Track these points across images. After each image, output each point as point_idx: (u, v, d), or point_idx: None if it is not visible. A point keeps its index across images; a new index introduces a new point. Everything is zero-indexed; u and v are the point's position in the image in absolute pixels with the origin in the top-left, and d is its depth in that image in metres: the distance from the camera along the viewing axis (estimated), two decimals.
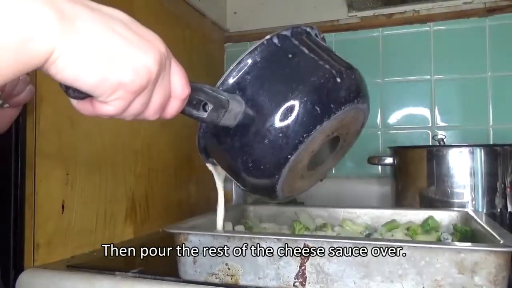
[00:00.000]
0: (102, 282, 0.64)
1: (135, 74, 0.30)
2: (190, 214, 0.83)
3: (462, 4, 1.22)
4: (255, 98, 0.44)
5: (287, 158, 0.44)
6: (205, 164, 0.58)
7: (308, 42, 0.48)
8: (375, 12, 1.30)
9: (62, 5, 0.27)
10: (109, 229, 0.88)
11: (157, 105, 0.35)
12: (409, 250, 0.52)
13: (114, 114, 0.33)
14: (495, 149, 0.91)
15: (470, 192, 0.91)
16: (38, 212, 0.72)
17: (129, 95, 0.31)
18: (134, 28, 0.32)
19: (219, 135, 0.47)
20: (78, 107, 0.34)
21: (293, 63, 0.45)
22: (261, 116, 0.43)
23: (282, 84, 0.44)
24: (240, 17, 1.44)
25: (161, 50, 0.33)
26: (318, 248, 0.55)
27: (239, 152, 0.45)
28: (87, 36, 0.28)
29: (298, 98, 0.42)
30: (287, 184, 0.48)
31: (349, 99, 0.45)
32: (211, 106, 0.41)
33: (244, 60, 0.45)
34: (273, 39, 0.46)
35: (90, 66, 0.28)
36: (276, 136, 0.43)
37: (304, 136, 0.43)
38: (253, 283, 0.58)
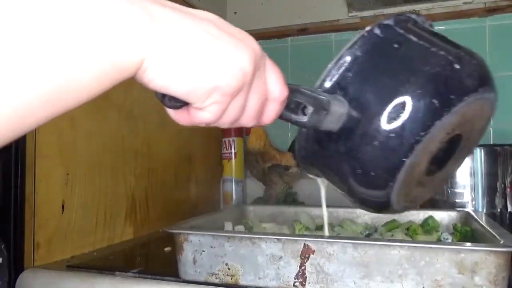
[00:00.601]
0: (102, 282, 0.64)
1: (230, 75, 0.29)
2: (190, 214, 0.83)
3: (462, 4, 1.22)
4: (360, 97, 0.39)
5: (402, 161, 0.38)
6: (205, 165, 0.57)
7: (414, 29, 0.42)
8: (375, 12, 1.30)
9: (152, 10, 0.26)
10: (109, 229, 0.88)
11: (254, 109, 0.33)
12: (409, 250, 0.52)
13: (211, 121, 0.31)
14: (495, 149, 0.91)
15: (470, 192, 0.91)
16: (38, 212, 0.72)
17: (225, 98, 0.30)
18: (225, 28, 0.30)
19: (321, 141, 0.42)
20: (175, 117, 0.33)
21: (400, 54, 0.40)
22: (368, 115, 0.38)
23: (390, 78, 0.38)
24: (240, 17, 1.44)
25: (255, 49, 0.31)
26: (318, 248, 0.55)
27: (346, 158, 0.40)
28: (178, 40, 0.27)
29: (410, 92, 0.37)
30: (403, 192, 0.41)
31: (472, 88, 0.38)
32: (311, 108, 0.37)
33: (343, 56, 0.40)
34: (374, 30, 0.41)
35: (182, 70, 0.27)
36: (387, 136, 0.37)
37: (421, 134, 0.37)
38: (253, 283, 0.58)
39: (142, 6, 0.26)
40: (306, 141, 0.43)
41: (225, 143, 1.28)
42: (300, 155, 0.45)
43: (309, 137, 0.43)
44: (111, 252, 0.81)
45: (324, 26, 1.35)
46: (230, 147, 1.28)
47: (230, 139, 1.28)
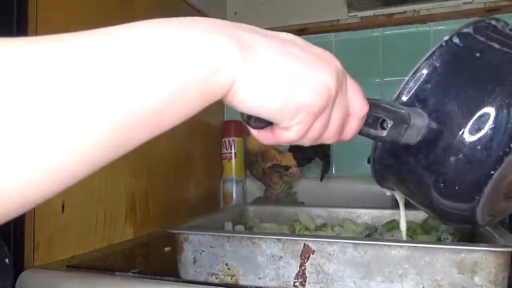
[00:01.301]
0: (102, 282, 0.64)
1: (315, 94, 0.30)
2: (190, 214, 0.84)
3: (462, 4, 1.22)
4: (441, 109, 0.38)
5: (490, 174, 0.36)
6: (205, 165, 0.57)
7: (496, 36, 0.41)
8: (375, 12, 1.30)
9: (241, 35, 0.28)
10: (109, 229, 0.88)
11: (336, 126, 0.33)
12: (409, 250, 0.52)
13: (295, 140, 0.32)
14: None
15: None
16: (38, 212, 0.72)
17: (310, 117, 0.31)
18: (308, 49, 0.31)
19: (398, 155, 0.41)
20: (259, 136, 0.34)
21: (483, 62, 0.39)
22: (451, 127, 0.37)
23: (473, 88, 0.37)
24: (240, 17, 1.44)
25: (338, 67, 0.32)
26: (318, 248, 0.55)
27: (427, 172, 0.39)
28: (266, 63, 0.28)
29: (497, 101, 0.35)
30: (489, 206, 0.40)
31: None
32: (390, 122, 0.37)
33: (421, 68, 0.40)
34: (453, 39, 0.40)
35: (271, 92, 0.28)
36: (473, 149, 0.36)
37: (511, 146, 0.35)
38: (253, 283, 0.58)
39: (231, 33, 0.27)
40: (382, 155, 0.43)
41: (225, 143, 1.28)
42: (376, 169, 0.45)
43: (385, 151, 0.42)
44: (111, 252, 0.81)
45: (324, 26, 1.35)
46: (230, 147, 1.28)
47: (230, 139, 1.28)
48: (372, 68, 1.31)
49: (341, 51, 1.33)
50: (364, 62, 1.32)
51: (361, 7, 1.30)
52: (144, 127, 0.24)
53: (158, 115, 0.24)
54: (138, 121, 0.24)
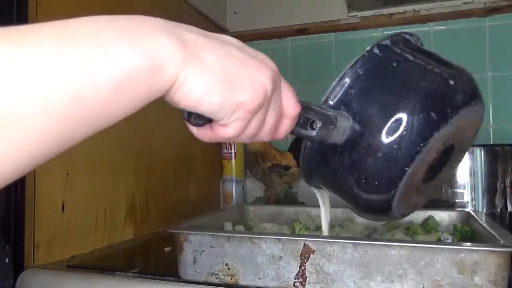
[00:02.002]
0: (102, 282, 0.64)
1: (253, 93, 0.32)
2: (190, 214, 0.83)
3: (462, 4, 1.22)
4: (363, 112, 0.42)
5: (404, 170, 0.41)
6: (205, 165, 0.58)
7: (410, 48, 0.46)
8: (375, 12, 1.30)
9: (184, 35, 0.29)
10: (109, 229, 0.88)
11: (271, 125, 0.35)
12: (409, 250, 0.52)
13: (233, 136, 0.34)
14: (495, 149, 0.91)
15: (470, 192, 0.91)
16: (38, 212, 0.72)
17: (248, 114, 0.32)
18: (247, 51, 0.33)
19: (325, 154, 0.44)
20: (198, 134, 0.36)
21: (399, 71, 0.43)
22: (372, 129, 0.41)
23: (391, 94, 0.42)
24: (240, 17, 1.44)
25: (274, 69, 0.34)
26: (318, 248, 0.55)
27: (350, 169, 0.43)
28: (208, 62, 0.29)
29: (410, 106, 0.40)
30: (403, 200, 0.44)
31: (466, 102, 0.42)
32: (319, 123, 0.40)
33: (346, 75, 0.44)
34: (373, 50, 0.44)
35: (212, 89, 0.30)
36: (390, 148, 0.40)
37: (421, 145, 0.40)
38: (253, 283, 0.58)
39: (175, 33, 0.28)
40: (311, 154, 0.46)
41: (225, 143, 1.28)
42: (305, 168, 0.48)
43: (314, 150, 0.45)
44: (111, 252, 0.81)
45: (324, 26, 1.35)
46: (230, 147, 1.27)
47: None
48: None
49: (341, 51, 1.33)
50: None
51: (361, 7, 1.30)
52: (91, 120, 0.25)
53: (103, 109, 0.25)
54: (85, 113, 0.24)
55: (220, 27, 1.42)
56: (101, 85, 0.24)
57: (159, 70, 0.27)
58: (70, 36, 0.24)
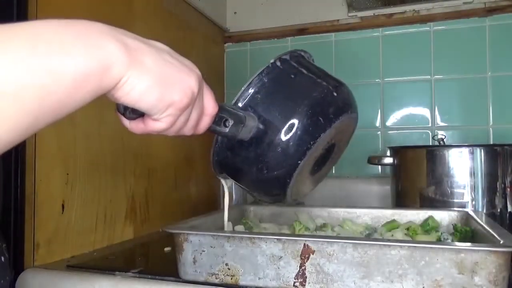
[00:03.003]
0: (102, 282, 0.64)
1: (183, 94, 0.37)
2: (190, 214, 0.83)
3: (462, 4, 1.22)
4: (266, 113, 0.50)
5: (297, 163, 0.50)
6: (205, 165, 0.60)
7: (304, 63, 0.55)
8: (375, 12, 1.30)
9: (126, 40, 0.33)
10: (109, 229, 0.88)
11: (194, 121, 0.41)
12: (409, 250, 0.52)
13: (163, 130, 0.39)
14: (495, 149, 0.91)
15: (470, 192, 0.91)
16: (38, 212, 0.72)
17: (178, 111, 0.37)
18: (176, 57, 0.38)
19: (233, 148, 0.52)
20: (130, 126, 0.40)
21: (295, 82, 0.52)
22: (273, 128, 0.49)
23: (289, 100, 0.50)
24: (240, 17, 1.44)
25: (199, 74, 0.39)
26: (318, 248, 0.55)
27: (255, 161, 0.50)
28: (147, 65, 0.34)
29: (304, 111, 0.49)
30: (295, 188, 0.53)
31: (345, 110, 0.52)
32: (231, 122, 0.47)
33: (253, 81, 0.51)
34: (276, 63, 0.53)
35: (150, 89, 0.34)
36: (287, 145, 0.49)
37: (311, 143, 0.49)
38: (253, 283, 0.58)
39: (119, 38, 0.32)
40: (220, 148, 0.54)
41: None
42: (214, 159, 0.57)
43: (223, 145, 0.53)
44: (111, 252, 0.81)
45: (324, 26, 1.35)
46: None
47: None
48: (372, 68, 1.31)
49: (341, 51, 1.33)
50: (364, 62, 1.32)
51: (361, 7, 1.30)
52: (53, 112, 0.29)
53: (62, 103, 0.29)
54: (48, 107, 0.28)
55: (220, 27, 1.42)
56: (62, 83, 0.28)
57: (108, 70, 0.31)
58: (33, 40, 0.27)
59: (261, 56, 1.41)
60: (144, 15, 1.00)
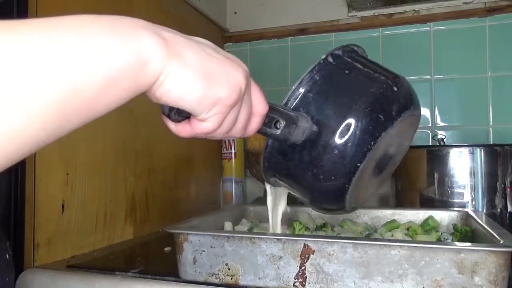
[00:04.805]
0: (102, 282, 0.64)
1: (230, 89, 0.34)
2: (190, 214, 0.83)
3: (462, 4, 1.22)
4: (320, 113, 0.46)
5: (357, 166, 0.45)
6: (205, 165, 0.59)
7: (358, 58, 0.51)
8: (375, 12, 1.30)
9: (165, 34, 0.31)
10: (109, 229, 0.88)
11: (243, 121, 0.38)
12: (409, 250, 0.52)
13: (211, 131, 0.36)
14: (495, 149, 0.91)
15: (470, 192, 0.91)
16: (38, 212, 0.72)
17: (225, 109, 0.34)
18: (220, 52, 0.35)
19: (285, 152, 0.48)
20: (177, 129, 0.37)
21: (351, 78, 0.48)
22: (328, 128, 0.45)
23: (345, 97, 0.46)
24: (240, 17, 1.44)
25: (246, 69, 0.36)
26: (318, 248, 0.55)
27: (309, 166, 0.46)
28: (188, 59, 0.31)
29: (362, 109, 0.45)
30: (354, 194, 0.49)
31: (407, 106, 0.48)
32: (283, 123, 0.43)
33: (304, 80, 0.48)
34: (328, 58, 0.49)
35: (192, 85, 0.31)
36: (345, 146, 0.44)
37: (372, 143, 0.45)
38: (253, 283, 0.58)
39: (156, 31, 0.30)
40: (271, 153, 0.50)
41: (225, 143, 1.28)
42: (265, 166, 0.52)
43: (274, 149, 0.49)
44: (111, 252, 0.81)
45: (324, 26, 1.35)
46: (230, 147, 1.28)
47: (230, 139, 1.28)
48: None
49: None
50: None
51: (361, 7, 1.30)
52: (83, 111, 0.26)
53: (95, 101, 0.27)
54: (79, 105, 0.26)
55: (220, 27, 1.42)
56: (94, 79, 0.26)
57: (144, 65, 0.28)
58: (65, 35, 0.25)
59: (261, 56, 1.41)
60: (143, 15, 1.00)
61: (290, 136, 0.44)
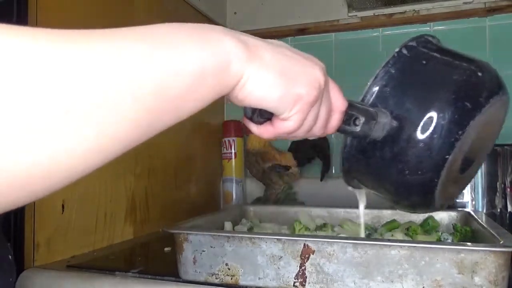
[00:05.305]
0: (102, 282, 0.64)
1: (310, 86, 0.35)
2: (190, 214, 0.83)
3: (462, 4, 1.22)
4: (400, 107, 0.44)
5: (445, 158, 0.43)
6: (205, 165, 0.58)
7: (435, 47, 0.49)
8: (375, 12, 1.30)
9: (244, 38, 0.33)
10: (109, 229, 0.88)
11: (323, 119, 0.38)
12: (409, 250, 0.52)
13: (293, 130, 0.36)
14: (495, 149, 0.91)
15: (470, 192, 0.91)
16: (38, 212, 0.72)
17: (306, 106, 0.35)
18: (296, 51, 0.37)
19: (365, 150, 0.46)
20: (259, 131, 0.38)
21: (429, 68, 0.46)
22: (411, 122, 0.43)
23: (425, 88, 0.45)
24: (240, 17, 1.44)
25: (323, 66, 0.37)
26: (318, 248, 0.55)
27: (393, 162, 0.45)
28: (267, 61, 0.33)
29: (446, 98, 0.43)
30: (443, 189, 0.46)
31: (495, 92, 0.45)
32: (362, 119, 0.42)
33: (379, 74, 0.47)
34: (402, 51, 0.47)
35: (273, 85, 0.33)
36: (431, 138, 0.42)
37: (459, 133, 0.42)
38: (253, 283, 0.58)
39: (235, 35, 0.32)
40: (350, 152, 0.48)
41: (225, 143, 1.28)
42: (345, 167, 0.49)
43: (353, 148, 0.47)
44: (111, 252, 0.81)
45: (324, 26, 1.35)
46: (230, 147, 1.28)
47: (230, 139, 1.28)
48: (372, 68, 1.30)
49: (341, 51, 1.33)
50: (364, 62, 1.31)
51: (361, 7, 1.30)
52: (171, 111, 0.28)
53: (182, 99, 0.28)
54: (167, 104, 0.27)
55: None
56: (180, 80, 0.27)
57: (227, 67, 0.30)
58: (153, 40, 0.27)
59: None
60: (144, 15, 1.00)
61: (370, 132, 0.43)
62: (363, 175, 0.50)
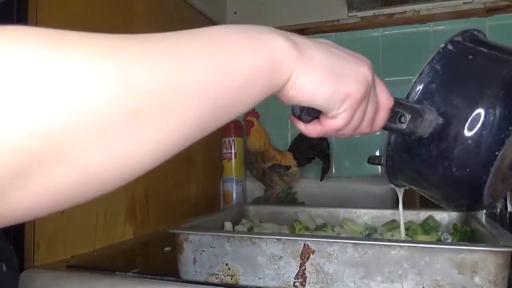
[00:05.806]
0: (102, 282, 0.64)
1: (359, 83, 0.35)
2: (190, 214, 0.83)
3: (462, 4, 1.22)
4: (447, 104, 0.44)
5: (495, 155, 0.42)
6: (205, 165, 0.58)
7: (481, 42, 0.48)
8: (375, 12, 1.30)
9: (293, 38, 0.33)
10: (109, 229, 0.88)
11: (371, 116, 0.39)
12: (409, 250, 0.52)
13: (341, 127, 0.37)
14: None
15: None
16: None
17: (355, 104, 0.36)
18: (343, 49, 0.37)
19: (410, 148, 0.46)
20: (307, 129, 0.39)
21: (476, 63, 0.46)
22: (458, 119, 0.43)
23: (473, 84, 0.44)
24: (240, 17, 1.44)
25: (369, 63, 0.38)
26: (318, 248, 0.55)
27: (439, 160, 0.44)
28: (316, 59, 0.33)
29: (494, 93, 0.42)
30: (492, 187, 0.45)
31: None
32: (408, 116, 0.42)
33: (424, 71, 0.46)
34: (447, 46, 0.47)
35: (322, 83, 0.34)
36: (480, 135, 0.42)
37: (510, 128, 0.41)
38: (253, 283, 0.58)
39: (285, 35, 0.33)
40: (394, 150, 0.47)
41: (225, 143, 1.28)
42: (388, 165, 0.49)
43: (397, 146, 0.47)
44: (111, 252, 0.81)
45: (324, 26, 1.35)
46: (230, 147, 1.28)
47: (230, 139, 1.28)
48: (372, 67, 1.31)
49: None
50: None
51: (361, 7, 1.30)
52: (228, 108, 0.29)
53: (237, 99, 0.29)
54: (224, 102, 0.28)
55: None
56: (236, 78, 0.29)
57: (278, 66, 0.31)
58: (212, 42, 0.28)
59: None
60: (144, 15, 1.00)
61: (416, 129, 0.43)
62: (408, 173, 0.49)
